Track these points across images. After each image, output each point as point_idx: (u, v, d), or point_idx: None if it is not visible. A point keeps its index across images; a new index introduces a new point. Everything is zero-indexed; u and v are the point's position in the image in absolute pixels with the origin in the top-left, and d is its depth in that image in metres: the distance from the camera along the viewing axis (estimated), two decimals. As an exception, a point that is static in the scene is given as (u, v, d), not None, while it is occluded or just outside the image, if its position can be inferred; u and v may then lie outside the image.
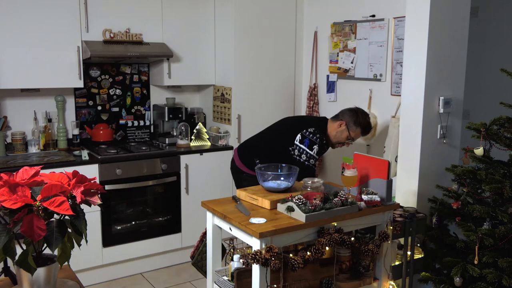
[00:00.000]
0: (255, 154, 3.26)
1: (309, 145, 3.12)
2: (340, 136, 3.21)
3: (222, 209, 2.31)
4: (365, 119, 3.21)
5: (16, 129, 3.81)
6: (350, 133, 3.18)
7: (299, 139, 3.14)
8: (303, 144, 3.11)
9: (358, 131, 3.19)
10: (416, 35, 2.95)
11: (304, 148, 3.11)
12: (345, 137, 3.20)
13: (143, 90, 4.39)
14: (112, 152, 3.78)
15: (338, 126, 3.19)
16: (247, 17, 4.11)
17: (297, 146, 3.14)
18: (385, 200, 2.41)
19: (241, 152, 3.38)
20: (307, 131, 3.15)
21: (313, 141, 3.12)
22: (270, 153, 3.20)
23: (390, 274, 2.54)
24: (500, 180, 2.55)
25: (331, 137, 3.24)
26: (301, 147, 3.12)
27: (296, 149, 3.14)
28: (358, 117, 3.18)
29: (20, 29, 3.47)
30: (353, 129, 3.17)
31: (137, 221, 3.88)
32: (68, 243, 1.44)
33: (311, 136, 3.14)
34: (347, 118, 3.19)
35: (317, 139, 3.13)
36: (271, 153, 3.19)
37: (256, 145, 3.36)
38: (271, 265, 2.00)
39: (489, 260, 2.50)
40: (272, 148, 3.24)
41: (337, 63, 4.08)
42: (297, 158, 3.13)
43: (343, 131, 3.19)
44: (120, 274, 3.84)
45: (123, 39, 3.87)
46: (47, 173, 1.48)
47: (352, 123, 3.17)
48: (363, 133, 3.23)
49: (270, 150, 3.24)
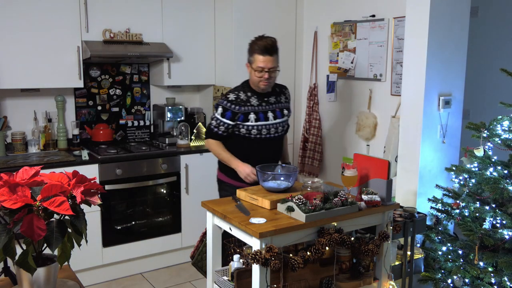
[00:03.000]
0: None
1: (216, 107, 2.90)
2: (252, 76, 2.85)
3: (222, 209, 2.31)
4: (256, 42, 2.82)
5: (16, 129, 3.81)
6: (254, 66, 2.80)
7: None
8: (214, 108, 2.94)
9: (256, 57, 2.78)
10: (416, 35, 2.95)
11: (213, 112, 2.93)
12: (254, 74, 2.82)
13: (143, 90, 4.39)
14: (112, 152, 3.78)
15: (248, 70, 2.88)
16: (247, 17, 4.11)
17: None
18: (385, 200, 2.41)
19: (218, 161, 3.10)
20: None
21: (217, 103, 2.91)
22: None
23: (390, 274, 2.54)
24: (500, 180, 2.55)
25: (253, 85, 2.90)
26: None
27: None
28: (249, 47, 2.85)
29: (20, 29, 3.47)
30: (253, 61, 2.80)
31: (137, 221, 3.88)
32: (68, 243, 1.44)
33: (219, 99, 2.94)
34: (247, 58, 2.88)
35: (220, 99, 2.89)
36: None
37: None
38: (271, 265, 2.00)
39: (489, 260, 2.50)
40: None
41: (337, 63, 4.08)
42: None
43: (251, 71, 2.85)
44: (120, 274, 3.84)
45: (123, 39, 3.87)
46: (47, 173, 1.48)
47: (249, 56, 2.84)
48: (263, 53, 2.76)
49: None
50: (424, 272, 2.82)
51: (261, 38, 2.83)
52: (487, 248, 2.55)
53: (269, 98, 2.94)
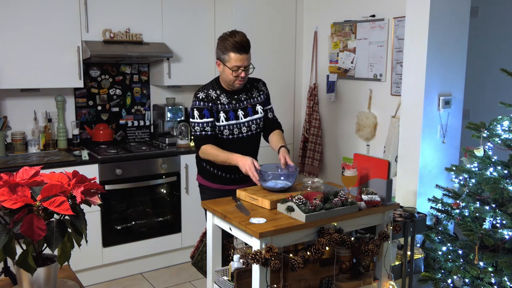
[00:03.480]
0: (198, 159, 2.89)
1: (191, 115, 2.71)
2: (225, 75, 2.66)
3: (222, 209, 2.31)
4: (228, 40, 2.61)
5: (16, 129, 3.81)
6: (228, 65, 2.61)
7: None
8: (190, 117, 2.73)
9: (232, 56, 2.59)
10: (416, 35, 2.95)
11: (190, 120, 2.73)
12: (229, 73, 2.63)
13: (143, 90, 4.39)
14: (112, 152, 3.78)
15: (218, 68, 2.69)
16: (247, 17, 4.11)
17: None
18: (385, 200, 2.41)
19: (197, 165, 2.95)
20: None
21: (191, 108, 2.72)
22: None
23: (390, 274, 2.54)
24: (500, 180, 2.55)
25: (225, 84, 2.73)
26: (190, 121, 2.74)
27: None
28: (220, 44, 2.63)
29: (20, 29, 3.47)
30: (227, 59, 2.60)
31: (137, 221, 3.88)
32: (68, 243, 1.44)
33: (191, 104, 2.76)
34: (217, 55, 2.66)
35: (192, 102, 2.72)
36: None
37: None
38: (271, 265, 2.00)
39: (489, 260, 2.50)
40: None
41: (337, 63, 4.09)
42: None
43: (224, 69, 2.65)
44: (120, 274, 3.84)
45: (123, 39, 3.87)
46: (47, 173, 1.48)
47: (222, 55, 2.62)
48: (239, 51, 2.59)
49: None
50: (424, 272, 2.82)
51: (233, 35, 2.63)
52: (487, 248, 2.55)
53: (239, 96, 2.77)
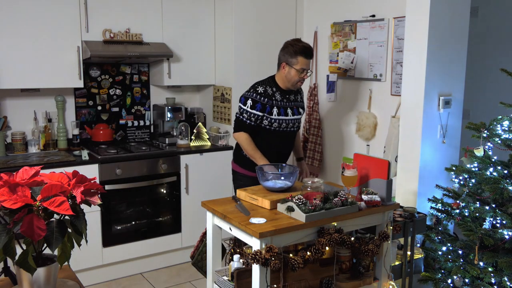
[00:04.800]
0: (237, 147, 3.30)
1: (243, 101, 3.10)
2: (290, 76, 3.06)
3: (222, 209, 2.31)
4: (297, 45, 3.04)
5: (16, 129, 3.81)
6: (296, 67, 3.03)
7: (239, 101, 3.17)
8: (240, 102, 3.14)
9: (300, 59, 3.02)
10: (416, 35, 2.95)
11: (239, 104, 3.14)
12: (295, 74, 3.05)
13: (143, 90, 4.39)
14: (112, 152, 3.78)
15: (283, 70, 3.09)
16: (247, 17, 4.11)
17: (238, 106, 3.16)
18: (385, 200, 2.41)
19: (234, 152, 3.41)
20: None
21: (245, 95, 3.11)
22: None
23: (390, 274, 2.54)
24: (500, 180, 2.55)
25: (285, 83, 3.12)
26: (238, 105, 3.15)
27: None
28: (290, 49, 3.05)
29: (20, 29, 3.47)
30: (295, 62, 3.03)
31: (137, 221, 3.88)
32: (68, 243, 1.44)
33: (245, 92, 3.14)
34: (283, 58, 3.08)
35: (248, 92, 3.10)
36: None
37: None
38: (271, 265, 2.00)
39: (489, 260, 2.50)
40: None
41: (337, 63, 4.08)
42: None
43: (289, 71, 3.06)
44: (120, 274, 3.84)
45: (123, 39, 3.87)
46: (47, 173, 1.48)
47: (289, 58, 3.04)
48: (307, 56, 3.04)
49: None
50: (424, 272, 2.82)
51: (300, 41, 3.10)
52: (487, 248, 2.55)
53: (290, 96, 3.19)
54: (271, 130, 3.11)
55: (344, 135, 4.10)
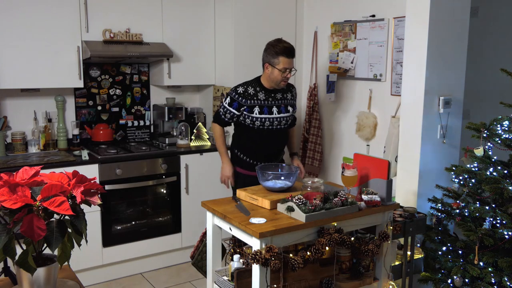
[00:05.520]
0: (232, 146, 3.38)
1: (224, 97, 3.25)
2: (274, 76, 3.09)
3: (222, 209, 2.31)
4: (278, 45, 3.07)
5: (16, 129, 3.81)
6: (278, 67, 3.06)
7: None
8: (222, 97, 3.29)
9: (282, 59, 3.04)
10: (416, 35, 2.95)
11: (222, 98, 3.27)
12: (278, 74, 3.07)
13: (143, 90, 4.39)
14: (112, 152, 3.78)
15: (266, 70, 3.13)
16: (247, 17, 4.11)
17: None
18: (385, 200, 2.41)
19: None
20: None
21: (227, 93, 3.23)
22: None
23: (390, 274, 2.54)
24: (500, 180, 2.55)
25: (270, 83, 3.16)
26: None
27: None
28: (271, 50, 3.08)
29: (20, 29, 3.47)
30: (277, 62, 3.05)
31: (137, 221, 3.88)
32: (68, 243, 1.44)
33: (229, 90, 3.25)
34: (266, 59, 3.12)
35: (230, 90, 3.20)
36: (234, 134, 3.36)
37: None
38: (271, 265, 2.00)
39: (489, 260, 2.50)
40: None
41: (337, 63, 4.08)
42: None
43: (272, 71, 3.09)
44: (120, 274, 3.84)
45: (123, 39, 3.87)
46: (47, 173, 1.48)
47: (272, 58, 3.07)
48: (288, 55, 3.06)
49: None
50: (424, 272, 2.82)
51: (281, 41, 3.12)
52: (487, 248, 2.55)
53: (276, 95, 3.22)
54: (255, 128, 3.17)
55: (344, 135, 4.10)
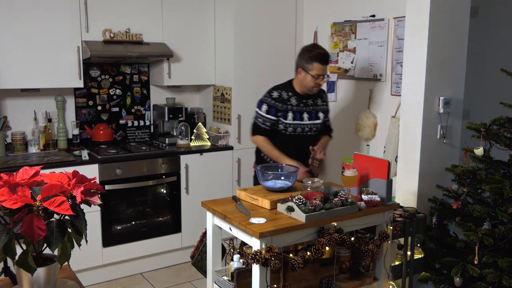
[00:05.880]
0: (258, 149, 3.28)
1: (259, 106, 3.13)
2: (306, 81, 3.07)
3: (222, 209, 2.31)
4: (313, 51, 3.05)
5: (16, 129, 3.81)
6: (311, 73, 3.03)
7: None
8: (256, 106, 3.15)
9: (316, 65, 3.02)
10: (416, 35, 2.95)
11: (255, 108, 3.15)
12: (311, 80, 3.05)
13: (143, 90, 4.39)
14: (112, 152, 3.78)
15: (299, 75, 3.10)
16: (247, 17, 4.11)
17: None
18: (385, 200, 2.41)
19: (255, 154, 3.37)
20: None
21: (261, 100, 3.13)
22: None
23: (390, 274, 2.54)
24: (500, 180, 2.55)
25: (302, 88, 3.13)
26: (255, 109, 3.16)
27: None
28: (306, 55, 3.05)
29: (20, 29, 3.47)
30: (311, 68, 3.02)
31: (137, 221, 3.88)
32: (68, 243, 1.44)
33: (262, 97, 3.15)
34: (299, 63, 3.09)
35: (264, 97, 3.12)
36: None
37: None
38: (271, 265, 2.00)
39: (489, 260, 2.50)
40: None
41: (337, 63, 4.08)
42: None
43: (305, 76, 3.06)
44: (120, 274, 3.84)
45: (123, 39, 3.87)
46: (47, 173, 1.48)
47: (305, 64, 3.04)
48: (322, 62, 3.03)
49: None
50: (424, 272, 2.82)
51: (316, 47, 3.08)
52: (487, 248, 2.55)
53: (307, 100, 3.17)
54: (287, 134, 3.12)
55: (344, 135, 4.10)
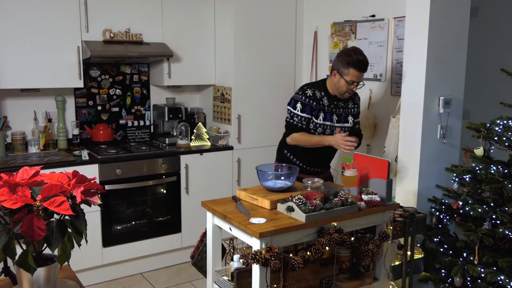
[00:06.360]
0: (280, 146, 3.25)
1: (293, 105, 3.03)
2: (340, 85, 2.97)
3: (222, 209, 2.31)
4: (352, 56, 2.93)
5: (16, 129, 3.81)
6: (346, 78, 2.93)
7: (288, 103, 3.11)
8: (289, 105, 3.06)
9: (352, 71, 2.91)
10: (416, 35, 2.95)
11: (288, 107, 3.05)
12: (344, 85, 2.95)
13: (143, 90, 4.39)
14: (112, 152, 3.78)
15: (334, 77, 3.00)
16: (247, 17, 4.11)
17: (287, 109, 3.10)
18: (385, 200, 2.41)
19: (277, 152, 3.31)
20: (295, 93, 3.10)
21: (294, 98, 3.03)
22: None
23: (390, 274, 2.54)
24: (500, 180, 2.55)
25: (334, 90, 3.04)
26: (287, 108, 3.06)
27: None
28: (344, 58, 2.94)
29: (20, 29, 3.47)
30: (346, 73, 2.92)
31: (137, 221, 3.88)
32: (68, 243, 1.44)
33: (294, 94, 3.06)
34: (336, 66, 2.98)
35: (297, 95, 3.03)
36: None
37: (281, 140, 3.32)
38: (271, 265, 2.00)
39: (489, 260, 2.50)
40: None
41: (337, 63, 4.08)
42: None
43: (339, 80, 2.96)
44: (120, 274, 3.84)
45: (123, 39, 3.87)
46: (47, 173, 1.48)
47: (342, 67, 2.93)
48: (359, 69, 2.92)
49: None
50: (424, 272, 2.82)
51: (356, 52, 2.96)
52: (487, 248, 2.55)
53: (338, 102, 3.09)
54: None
55: (344, 135, 4.10)
